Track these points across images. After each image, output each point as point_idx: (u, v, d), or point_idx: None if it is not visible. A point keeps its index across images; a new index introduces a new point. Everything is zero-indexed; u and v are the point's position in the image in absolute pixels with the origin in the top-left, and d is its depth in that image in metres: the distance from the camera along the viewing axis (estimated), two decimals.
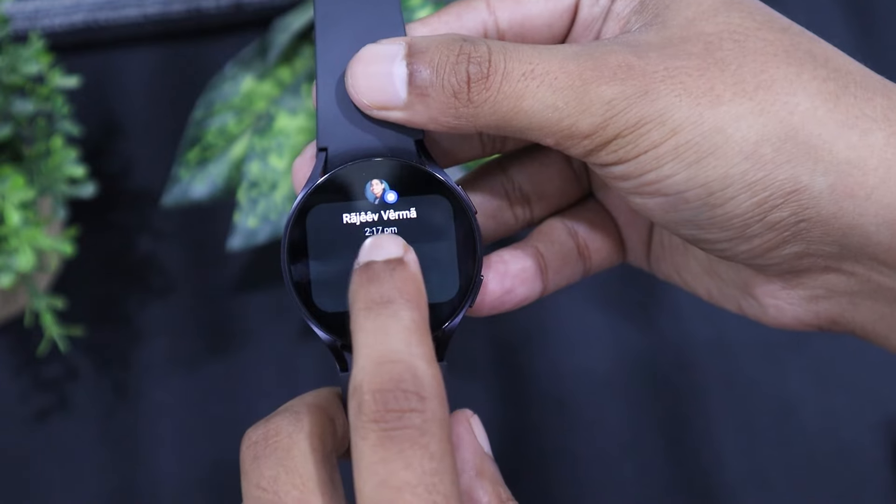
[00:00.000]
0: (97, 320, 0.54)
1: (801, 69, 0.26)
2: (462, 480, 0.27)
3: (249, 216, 0.47)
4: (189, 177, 0.49)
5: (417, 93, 0.27)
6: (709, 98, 0.26)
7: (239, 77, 0.51)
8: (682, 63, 0.26)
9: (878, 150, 0.26)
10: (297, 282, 0.28)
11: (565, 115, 0.26)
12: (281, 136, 0.48)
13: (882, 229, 0.26)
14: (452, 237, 0.28)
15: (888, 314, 0.29)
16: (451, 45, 0.27)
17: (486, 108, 0.27)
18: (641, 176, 0.27)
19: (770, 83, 0.26)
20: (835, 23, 0.62)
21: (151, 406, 0.52)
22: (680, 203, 0.27)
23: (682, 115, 0.26)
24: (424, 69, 0.27)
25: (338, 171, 0.28)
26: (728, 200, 0.26)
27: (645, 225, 0.34)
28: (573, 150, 0.27)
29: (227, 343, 0.54)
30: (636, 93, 0.26)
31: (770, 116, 0.26)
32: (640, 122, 0.26)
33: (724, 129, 0.26)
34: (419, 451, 0.23)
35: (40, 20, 0.58)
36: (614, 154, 0.26)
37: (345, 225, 0.28)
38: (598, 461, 0.51)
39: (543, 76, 0.26)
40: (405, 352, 0.24)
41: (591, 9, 0.30)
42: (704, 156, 0.26)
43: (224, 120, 0.50)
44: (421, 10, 0.45)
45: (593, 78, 0.26)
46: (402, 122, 0.28)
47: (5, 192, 0.44)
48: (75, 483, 0.51)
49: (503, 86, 0.26)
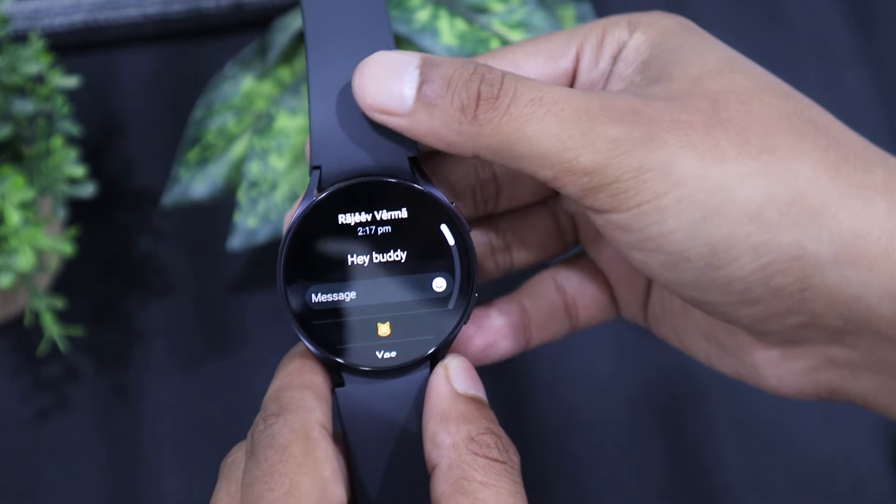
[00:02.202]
0: (97, 320, 0.54)
1: (803, 137, 0.26)
2: (428, 428, 0.27)
3: (249, 216, 0.47)
4: (189, 177, 0.49)
5: (424, 101, 0.27)
6: (714, 154, 0.25)
7: (239, 77, 0.51)
8: (688, 117, 0.26)
9: (881, 221, 0.26)
10: (293, 304, 0.28)
11: (568, 146, 0.26)
12: (281, 136, 0.48)
13: (884, 302, 0.26)
14: (451, 261, 0.28)
15: (890, 386, 0.28)
16: (466, 64, 0.27)
17: (489, 128, 0.26)
18: (643, 229, 0.26)
19: (774, 148, 0.26)
20: (835, 23, 0.62)
21: (151, 406, 0.52)
22: (682, 262, 0.26)
23: (687, 167, 0.25)
24: (436, 80, 0.27)
25: (332, 191, 0.28)
26: (731, 262, 0.26)
27: (642, 284, 0.33)
28: (569, 188, 0.26)
29: (227, 343, 0.54)
30: (642, 137, 0.25)
31: (775, 179, 0.25)
32: (642, 168, 0.25)
33: (730, 188, 0.25)
34: None
35: (40, 20, 0.58)
36: (614, 199, 0.26)
37: (341, 242, 0.28)
38: (598, 462, 0.51)
39: (550, 105, 0.26)
40: None
41: (590, 73, 0.30)
42: (709, 213, 0.25)
43: (224, 120, 0.50)
44: (421, 10, 0.45)
45: (600, 115, 0.26)
46: (402, 129, 0.27)
47: (5, 192, 0.44)
48: (75, 483, 0.51)
49: (511, 108, 0.26)
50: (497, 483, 0.25)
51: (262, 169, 0.48)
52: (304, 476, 0.24)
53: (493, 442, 0.26)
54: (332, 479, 0.25)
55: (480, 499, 0.24)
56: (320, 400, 0.27)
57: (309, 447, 0.25)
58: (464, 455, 0.25)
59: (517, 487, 0.25)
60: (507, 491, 0.25)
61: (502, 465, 0.25)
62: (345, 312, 0.28)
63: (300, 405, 0.26)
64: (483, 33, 0.45)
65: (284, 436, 0.25)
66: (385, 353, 0.28)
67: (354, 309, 0.28)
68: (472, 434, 0.26)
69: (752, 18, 0.62)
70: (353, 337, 0.28)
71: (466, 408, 0.27)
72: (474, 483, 0.25)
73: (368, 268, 0.28)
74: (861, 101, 0.60)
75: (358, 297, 0.28)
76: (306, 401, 0.26)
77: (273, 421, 0.26)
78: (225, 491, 0.27)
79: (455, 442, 0.26)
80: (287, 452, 0.25)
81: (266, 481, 0.24)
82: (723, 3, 0.62)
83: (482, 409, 0.27)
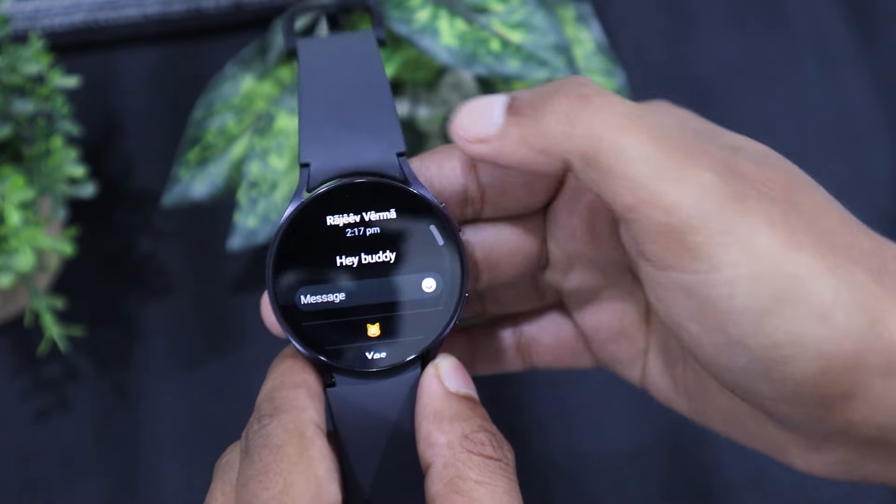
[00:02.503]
0: (97, 320, 0.54)
1: (854, 239, 0.25)
2: (421, 428, 0.26)
3: (249, 216, 0.47)
4: (189, 177, 0.49)
5: (513, 113, 0.26)
6: (791, 241, 0.24)
7: (239, 77, 0.51)
8: (769, 191, 0.25)
9: None
10: (283, 305, 0.28)
11: (659, 176, 0.24)
12: (281, 136, 0.48)
13: None
14: (441, 262, 0.28)
15: None
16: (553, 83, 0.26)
17: (581, 128, 0.25)
18: (710, 301, 0.24)
19: (835, 247, 0.25)
20: (835, 23, 0.62)
21: (151, 406, 0.52)
22: (739, 348, 0.25)
23: (766, 245, 0.24)
24: (524, 94, 0.26)
25: (321, 192, 0.28)
26: (791, 360, 0.24)
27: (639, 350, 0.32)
28: (644, 224, 0.25)
29: (227, 343, 0.54)
30: (733, 194, 0.24)
31: (841, 280, 0.24)
32: (727, 229, 0.24)
33: (804, 280, 0.24)
34: None
35: (40, 20, 0.58)
36: (688, 253, 0.24)
37: (330, 244, 0.28)
38: (598, 462, 0.51)
39: (648, 127, 0.24)
40: None
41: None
42: (781, 302, 0.24)
43: (224, 120, 0.50)
44: (421, 10, 0.45)
45: (695, 154, 0.24)
46: (496, 152, 0.26)
47: (5, 192, 0.44)
48: (75, 483, 0.51)
49: (606, 112, 0.25)
50: (492, 481, 0.25)
51: (262, 169, 0.48)
52: (298, 475, 0.24)
53: (487, 439, 0.26)
54: (327, 477, 0.25)
55: (476, 497, 0.24)
56: (313, 399, 0.27)
57: (303, 446, 0.25)
58: (458, 453, 0.25)
59: (512, 485, 0.25)
60: (503, 489, 0.25)
61: (497, 463, 0.25)
62: (334, 314, 0.28)
63: (294, 404, 0.26)
64: (483, 33, 0.45)
65: (279, 435, 0.25)
66: (375, 353, 0.28)
67: (344, 310, 0.28)
68: (467, 432, 0.26)
69: (752, 18, 0.62)
70: (343, 338, 0.28)
71: (459, 406, 0.26)
72: (469, 482, 0.25)
73: (358, 269, 0.28)
74: (861, 100, 0.60)
75: (347, 299, 0.28)
76: (299, 400, 0.26)
77: (267, 421, 0.26)
78: (220, 490, 0.27)
79: (449, 440, 0.25)
80: (281, 452, 0.25)
81: (261, 480, 0.24)
82: (723, 3, 0.62)
83: (475, 408, 0.27)
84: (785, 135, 0.59)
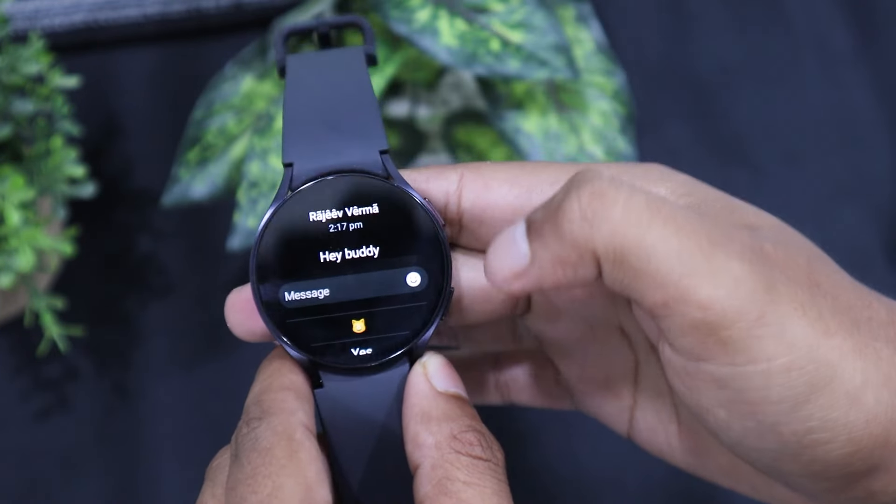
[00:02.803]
0: (97, 320, 0.54)
1: (871, 313, 0.25)
2: (409, 428, 0.26)
3: (249, 216, 0.47)
4: (189, 177, 0.49)
5: (535, 237, 0.25)
6: (821, 326, 0.24)
7: (239, 77, 0.51)
8: (793, 274, 0.24)
9: None
10: (266, 302, 0.28)
11: (689, 270, 0.23)
12: (281, 136, 0.48)
13: None
14: (425, 256, 0.28)
15: None
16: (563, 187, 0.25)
17: (605, 228, 0.23)
18: (743, 391, 0.24)
19: (858, 324, 0.24)
20: (835, 23, 0.62)
21: (151, 406, 0.52)
22: (769, 433, 0.24)
23: (799, 333, 0.23)
24: (538, 210, 0.25)
25: (304, 189, 0.28)
26: (823, 444, 0.24)
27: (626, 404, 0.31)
28: (677, 320, 0.24)
29: (227, 343, 0.54)
30: (763, 283, 0.23)
31: (867, 360, 0.24)
32: (761, 320, 0.23)
33: (835, 365, 0.23)
34: None
35: (40, 20, 0.58)
36: (722, 347, 0.23)
37: (313, 240, 0.28)
38: (598, 462, 0.51)
39: (670, 217, 0.23)
40: None
41: None
42: (815, 390, 0.23)
43: (224, 120, 0.50)
44: (421, 10, 0.45)
45: (722, 243, 0.23)
46: (535, 283, 0.25)
47: (5, 192, 0.44)
48: (75, 483, 0.51)
49: (626, 206, 0.23)
50: (481, 482, 0.24)
51: (262, 169, 0.48)
52: (287, 478, 0.24)
53: (476, 439, 0.25)
54: (317, 480, 0.25)
55: (464, 499, 0.24)
56: (302, 401, 0.27)
57: (292, 449, 0.25)
58: (446, 454, 0.25)
59: (501, 486, 0.25)
60: (492, 490, 0.24)
61: (486, 463, 0.25)
62: (318, 310, 0.28)
63: (282, 407, 0.26)
64: (483, 33, 0.45)
65: (267, 439, 0.25)
66: (360, 350, 0.28)
67: (328, 306, 0.28)
68: (455, 432, 0.25)
69: (752, 18, 0.62)
70: (328, 335, 0.28)
71: (447, 406, 0.26)
72: (458, 483, 0.24)
73: (341, 264, 0.28)
74: (861, 100, 0.60)
75: (331, 295, 0.28)
76: (288, 402, 0.26)
77: (256, 424, 0.26)
78: (210, 494, 0.26)
79: (437, 441, 0.25)
80: (270, 455, 0.25)
81: (249, 484, 0.24)
82: (723, 2, 0.62)
83: (463, 407, 0.26)
84: (785, 135, 0.59)
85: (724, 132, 0.59)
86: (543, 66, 0.45)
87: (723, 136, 0.59)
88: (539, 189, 0.28)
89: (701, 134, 0.59)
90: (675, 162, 0.51)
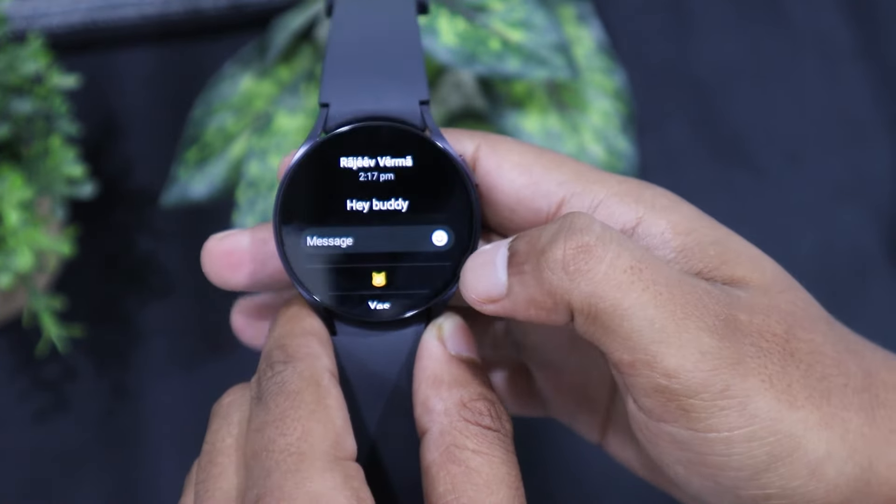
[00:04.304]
0: (97, 320, 0.54)
1: (848, 379, 0.25)
2: (419, 392, 0.26)
3: (248, 216, 0.47)
4: (188, 176, 0.49)
5: (515, 272, 0.25)
6: (787, 397, 0.24)
7: (238, 77, 0.51)
8: (766, 345, 0.24)
9: None
10: (288, 245, 0.27)
11: (659, 338, 0.23)
12: (280, 136, 0.48)
13: None
14: (454, 215, 0.27)
15: None
16: (553, 223, 0.25)
17: (583, 284, 0.24)
18: (704, 455, 0.24)
19: (829, 394, 0.25)
20: (835, 22, 0.62)
21: (151, 406, 0.52)
22: (728, 494, 0.25)
23: (763, 406, 0.24)
24: (522, 244, 0.25)
25: (337, 133, 0.27)
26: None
27: (600, 414, 0.31)
28: (640, 380, 0.24)
29: (227, 343, 0.54)
30: (730, 357, 0.24)
31: (833, 433, 0.24)
32: (723, 393, 0.23)
33: (798, 437, 0.24)
34: None
35: (38, 20, 0.58)
36: (684, 414, 0.24)
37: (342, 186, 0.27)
38: (598, 462, 0.51)
39: (650, 283, 0.24)
40: None
41: None
42: (775, 460, 0.24)
43: (223, 119, 0.50)
44: None
45: (694, 314, 0.24)
46: (507, 313, 0.26)
47: (4, 192, 0.44)
48: (75, 483, 0.51)
49: (608, 268, 0.24)
50: (489, 451, 0.24)
51: (261, 169, 0.48)
52: (317, 423, 0.24)
53: (485, 409, 0.25)
54: (345, 427, 0.24)
55: (472, 467, 0.24)
56: (325, 346, 0.26)
57: (320, 395, 0.24)
58: (455, 422, 0.25)
59: (509, 456, 0.25)
60: (500, 459, 0.24)
61: (495, 434, 0.25)
62: (340, 259, 0.27)
63: (307, 352, 0.26)
64: (483, 32, 0.45)
65: (295, 382, 0.24)
66: (378, 304, 0.27)
67: (350, 256, 0.27)
68: (465, 400, 0.25)
69: (752, 18, 0.62)
70: (347, 285, 0.27)
71: (459, 371, 0.26)
72: (466, 451, 0.24)
73: (368, 215, 0.27)
74: (861, 100, 0.60)
75: (355, 244, 0.27)
76: (312, 347, 0.26)
77: (281, 368, 0.25)
78: (226, 432, 0.26)
79: (447, 408, 0.25)
80: (299, 398, 0.24)
81: (277, 426, 0.24)
82: (723, 2, 0.62)
83: (476, 373, 0.26)
84: (785, 135, 0.59)
85: (725, 131, 0.59)
86: (543, 65, 0.45)
87: (723, 136, 0.59)
88: (545, 188, 0.28)
89: (701, 133, 0.59)
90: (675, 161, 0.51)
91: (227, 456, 0.26)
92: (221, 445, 0.26)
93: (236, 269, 0.28)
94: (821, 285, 0.33)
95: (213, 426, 0.27)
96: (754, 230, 0.30)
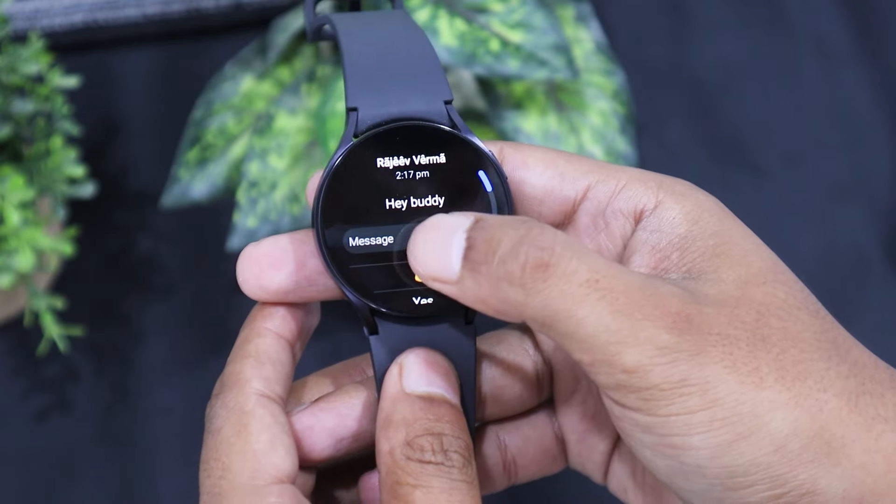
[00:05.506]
0: (97, 320, 0.54)
1: (829, 363, 0.26)
2: (376, 433, 0.26)
3: (249, 216, 0.47)
4: (189, 177, 0.49)
5: (470, 268, 0.25)
6: (753, 379, 0.25)
7: (238, 77, 0.51)
8: (734, 332, 0.25)
9: (889, 455, 0.25)
10: (330, 247, 0.27)
11: (615, 340, 0.24)
12: (280, 136, 0.48)
13: None
14: (489, 209, 0.28)
15: None
16: (517, 225, 0.25)
17: (537, 300, 0.24)
18: (666, 437, 0.25)
19: (805, 376, 0.25)
20: (835, 23, 0.62)
21: (151, 406, 0.52)
22: (695, 475, 0.25)
23: (725, 389, 0.24)
24: (481, 244, 0.25)
25: (371, 135, 0.28)
26: (746, 487, 0.25)
27: (603, 452, 0.32)
28: (602, 377, 0.25)
29: (227, 343, 0.53)
30: (689, 349, 0.24)
31: (803, 411, 0.25)
32: (682, 382, 0.24)
33: (762, 416, 0.24)
34: None
35: (40, 20, 0.58)
36: (645, 402, 0.25)
37: (380, 186, 0.28)
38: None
39: (606, 292, 0.24)
40: None
41: (597, 220, 0.29)
42: (737, 439, 0.24)
43: (223, 120, 0.50)
44: (420, 10, 0.45)
45: (653, 314, 0.24)
46: (454, 296, 0.26)
47: (5, 192, 0.44)
48: (75, 483, 0.51)
49: (563, 284, 0.24)
50: (428, 483, 0.25)
51: (262, 169, 0.48)
52: (235, 457, 0.25)
53: (428, 444, 0.26)
54: (268, 448, 0.25)
55: (410, 501, 0.25)
56: (261, 365, 0.27)
57: (242, 423, 0.25)
58: (398, 460, 0.25)
59: (453, 484, 0.25)
60: (440, 489, 0.25)
61: (436, 466, 0.25)
62: (382, 257, 0.27)
63: (236, 379, 0.27)
64: (482, 33, 0.45)
65: (220, 417, 0.26)
66: (422, 299, 0.27)
67: (392, 254, 0.28)
68: (409, 438, 0.26)
69: (752, 18, 0.62)
70: (391, 282, 0.27)
71: (410, 409, 0.26)
72: (406, 487, 0.25)
73: (406, 212, 0.28)
74: (861, 100, 0.60)
75: (396, 242, 0.27)
76: (244, 373, 0.27)
77: (214, 402, 0.26)
78: None
79: (391, 447, 0.26)
80: (220, 436, 0.25)
81: (204, 468, 0.25)
82: (723, 3, 0.62)
83: (429, 408, 0.26)
84: (785, 135, 0.59)
85: (724, 132, 0.59)
86: (543, 65, 0.45)
87: (723, 136, 0.59)
88: (571, 176, 0.28)
89: (701, 134, 0.59)
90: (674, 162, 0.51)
91: None
92: None
93: (279, 268, 0.28)
94: (820, 285, 0.33)
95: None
96: (754, 230, 0.30)
